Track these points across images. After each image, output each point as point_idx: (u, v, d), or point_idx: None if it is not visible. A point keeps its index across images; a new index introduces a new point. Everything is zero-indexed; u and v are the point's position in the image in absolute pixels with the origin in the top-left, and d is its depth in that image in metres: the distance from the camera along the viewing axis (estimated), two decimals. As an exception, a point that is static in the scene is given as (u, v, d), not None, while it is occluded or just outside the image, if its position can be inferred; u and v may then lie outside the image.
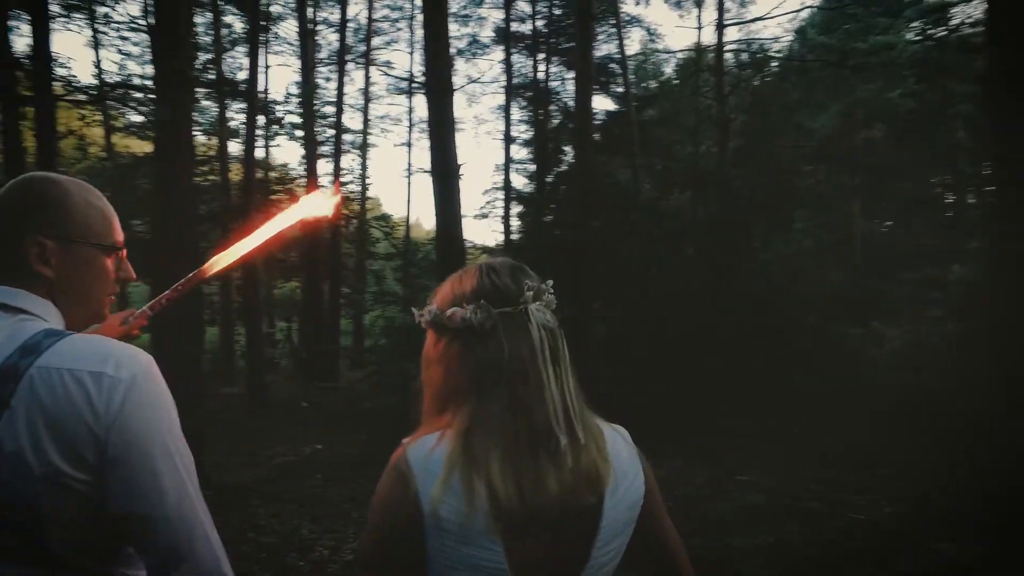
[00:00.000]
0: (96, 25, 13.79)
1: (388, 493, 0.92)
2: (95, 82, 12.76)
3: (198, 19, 17.90)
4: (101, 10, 12.91)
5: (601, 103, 17.78)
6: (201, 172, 14.63)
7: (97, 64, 15.26)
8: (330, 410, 11.37)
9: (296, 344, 15.97)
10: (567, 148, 15.72)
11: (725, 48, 13.23)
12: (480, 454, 0.89)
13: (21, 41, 11.27)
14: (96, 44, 14.61)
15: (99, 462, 0.90)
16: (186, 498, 0.96)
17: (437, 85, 4.49)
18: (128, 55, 14.51)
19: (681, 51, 19.30)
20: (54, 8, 12.45)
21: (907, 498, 4.92)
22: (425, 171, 21.90)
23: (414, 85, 18.32)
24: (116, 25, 13.36)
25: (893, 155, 13.90)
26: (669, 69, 21.35)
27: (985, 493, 4.80)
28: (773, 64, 13.68)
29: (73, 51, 79.70)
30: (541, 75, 17.55)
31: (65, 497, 0.89)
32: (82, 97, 11.01)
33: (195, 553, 0.94)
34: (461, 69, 19.24)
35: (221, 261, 1.49)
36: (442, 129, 4.43)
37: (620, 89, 16.12)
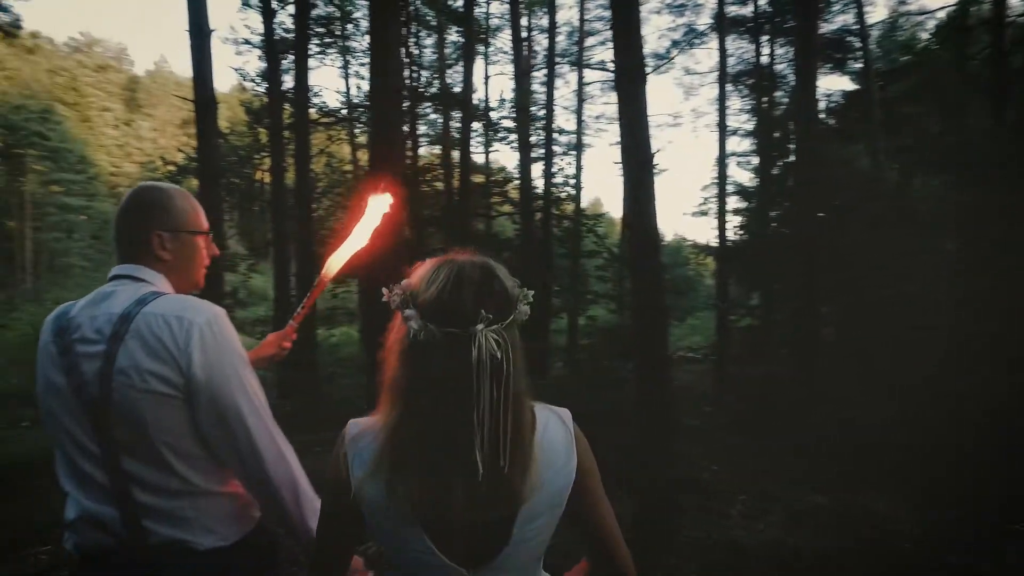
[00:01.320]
0: (346, 57, 15.92)
1: (331, 465, 1.07)
2: (339, 106, 14.70)
3: (427, 40, 19.79)
4: (346, 43, 14.78)
5: (836, 82, 15.74)
6: (427, 180, 16.05)
7: (346, 91, 17.67)
8: (537, 407, 11.56)
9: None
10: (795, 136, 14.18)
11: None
12: (401, 457, 0.97)
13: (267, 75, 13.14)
14: (346, 74, 16.87)
15: (184, 383, 1.25)
16: (256, 414, 1.31)
17: (627, 74, 4.24)
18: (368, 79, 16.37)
19: (942, 8, 16.28)
20: (312, 48, 14.62)
21: None
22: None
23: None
24: (358, 54, 15.22)
25: None
26: (925, 33, 18.16)
27: None
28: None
29: (328, 80, 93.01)
30: (765, 59, 16.12)
31: (160, 406, 1.25)
32: (330, 120, 12.76)
33: (269, 459, 1.31)
34: (679, 61, 18.51)
35: (333, 266, 1.76)
36: (633, 117, 4.18)
37: (859, 65, 14.14)
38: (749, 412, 6.76)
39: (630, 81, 4.21)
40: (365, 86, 16.15)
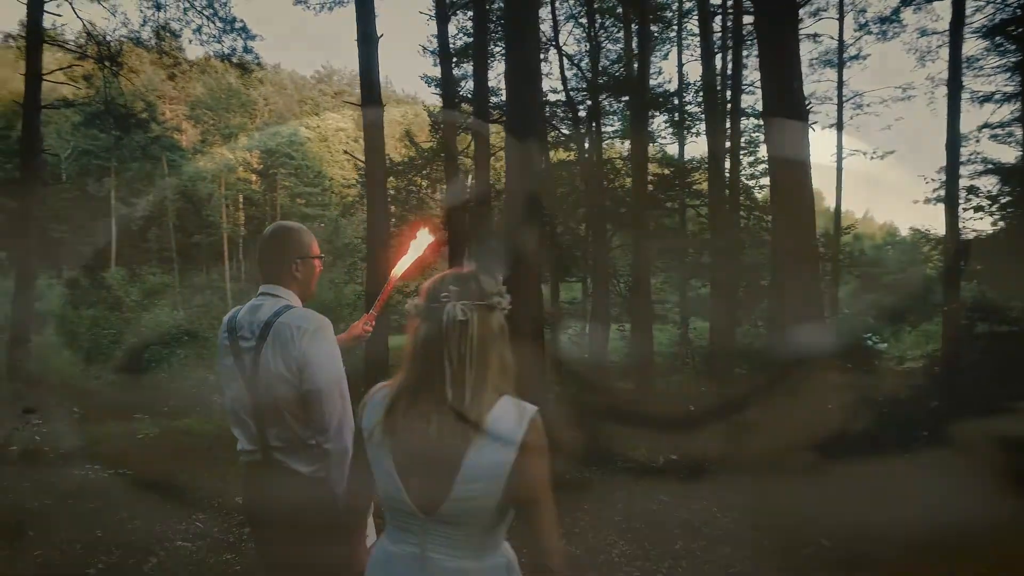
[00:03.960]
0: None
1: (356, 417, 1.43)
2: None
3: (617, 33, 19.21)
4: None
5: None
6: (609, 174, 15.58)
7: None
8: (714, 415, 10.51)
9: (693, 345, 15.55)
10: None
11: None
12: (394, 400, 1.31)
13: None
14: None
15: (298, 369, 1.86)
16: (332, 400, 1.88)
17: (770, 10, 3.40)
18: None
19: None
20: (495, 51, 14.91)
21: None
22: (858, 151, 18.69)
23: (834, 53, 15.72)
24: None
25: None
26: None
27: None
28: None
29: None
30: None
31: (284, 385, 1.88)
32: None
33: (332, 425, 1.89)
34: (910, 21, 15.51)
35: (400, 268, 2.29)
36: (778, 59, 3.35)
37: None
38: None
39: (773, 14, 3.36)
40: (545, 84, 16.08)
